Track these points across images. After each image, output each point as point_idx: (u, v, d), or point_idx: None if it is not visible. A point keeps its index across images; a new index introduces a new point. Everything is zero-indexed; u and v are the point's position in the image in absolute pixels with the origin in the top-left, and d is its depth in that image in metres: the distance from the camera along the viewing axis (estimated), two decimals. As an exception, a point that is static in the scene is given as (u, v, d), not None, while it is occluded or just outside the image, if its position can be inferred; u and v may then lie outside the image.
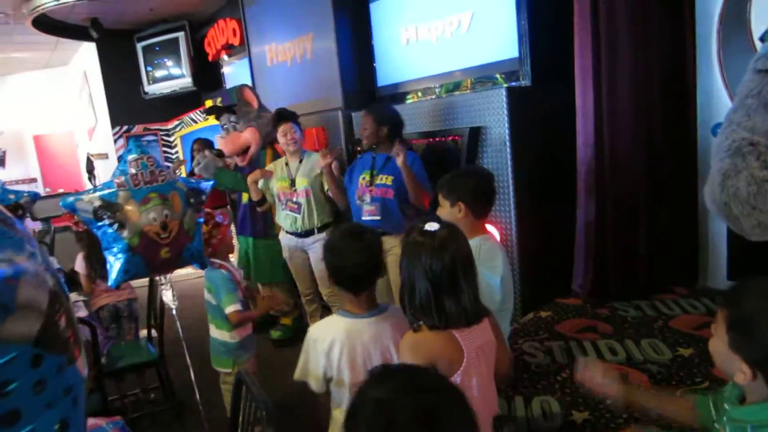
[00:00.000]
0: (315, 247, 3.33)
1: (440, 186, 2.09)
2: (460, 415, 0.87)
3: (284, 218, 3.44)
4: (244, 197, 3.73)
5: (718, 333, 1.10)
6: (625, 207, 2.85)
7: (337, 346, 1.60)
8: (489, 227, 2.87)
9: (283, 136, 3.39)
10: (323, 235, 3.31)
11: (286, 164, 3.45)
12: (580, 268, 2.98)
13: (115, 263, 2.32)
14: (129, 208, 2.26)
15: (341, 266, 1.64)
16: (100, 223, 2.28)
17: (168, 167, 2.55)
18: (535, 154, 2.95)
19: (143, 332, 3.36)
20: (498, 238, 2.86)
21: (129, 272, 2.37)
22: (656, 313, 2.69)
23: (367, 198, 3.03)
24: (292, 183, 3.37)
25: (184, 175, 3.55)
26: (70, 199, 2.32)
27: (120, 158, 2.47)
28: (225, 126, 3.77)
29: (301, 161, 3.41)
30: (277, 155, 3.72)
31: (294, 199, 3.36)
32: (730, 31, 2.71)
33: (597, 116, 2.78)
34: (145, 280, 3.03)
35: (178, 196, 2.42)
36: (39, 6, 6.15)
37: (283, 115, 3.43)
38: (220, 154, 3.72)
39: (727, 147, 1.65)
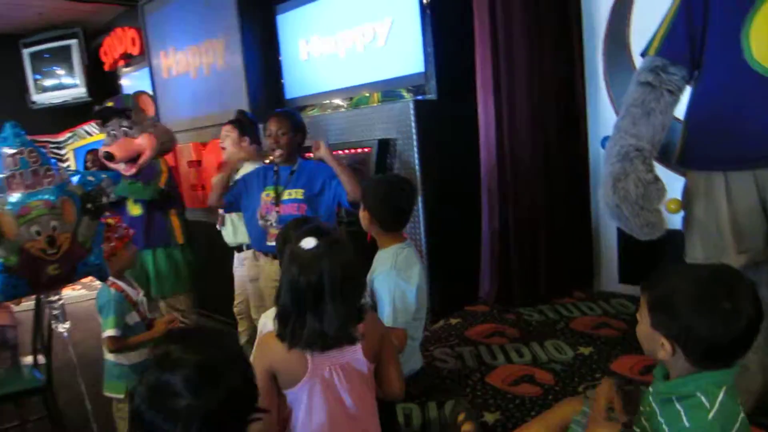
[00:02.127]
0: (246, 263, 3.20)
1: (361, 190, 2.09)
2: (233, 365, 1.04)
3: (222, 230, 3.33)
4: (134, 209, 3.39)
5: (642, 316, 1.19)
6: (525, 216, 2.99)
7: None
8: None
9: (224, 139, 3.28)
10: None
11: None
12: (486, 276, 3.09)
13: None
14: (4, 219, 1.88)
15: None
16: None
17: (56, 164, 2.13)
18: (443, 165, 3.02)
19: (28, 358, 3.05)
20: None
21: (6, 294, 2.01)
22: (557, 316, 2.83)
23: (273, 218, 2.69)
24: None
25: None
26: None
27: None
28: (113, 132, 3.47)
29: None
30: (169, 166, 3.55)
31: (224, 214, 3.26)
32: (613, 51, 2.95)
33: (498, 129, 2.92)
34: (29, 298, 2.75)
35: (70, 202, 2.06)
36: None
37: (235, 117, 3.32)
38: (109, 156, 3.42)
39: (617, 152, 1.78)
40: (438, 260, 2.98)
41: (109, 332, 2.30)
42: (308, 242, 1.39)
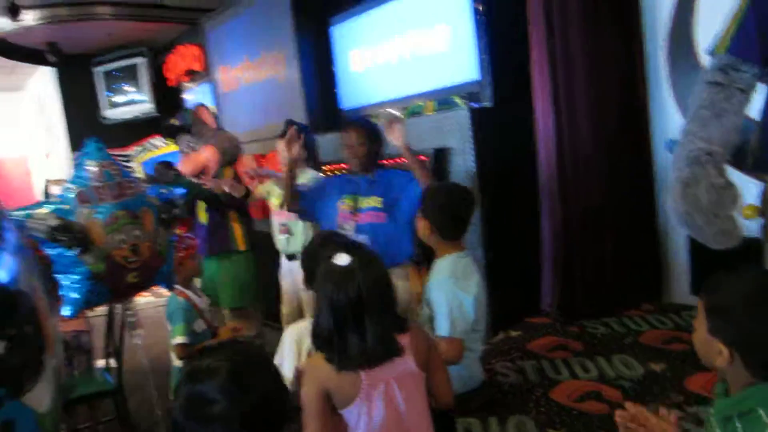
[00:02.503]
0: (300, 272, 3.18)
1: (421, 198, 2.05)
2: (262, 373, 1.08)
3: (277, 238, 3.29)
4: (203, 217, 3.48)
5: (699, 322, 1.14)
6: (588, 225, 2.89)
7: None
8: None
9: (282, 150, 3.12)
10: None
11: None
12: (547, 287, 3.00)
13: (73, 292, 1.99)
14: (93, 228, 1.94)
15: (313, 270, 1.63)
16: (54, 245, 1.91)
17: (135, 177, 2.27)
18: (500, 173, 2.97)
19: (101, 362, 3.19)
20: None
21: (90, 302, 2.09)
22: (625, 330, 2.71)
23: (351, 227, 2.58)
24: (282, 204, 3.11)
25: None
26: (20, 214, 1.98)
27: (77, 162, 2.17)
28: (184, 151, 3.63)
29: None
30: (237, 175, 3.61)
31: (282, 221, 3.21)
32: (676, 49, 2.81)
33: (557, 134, 2.83)
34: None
35: (150, 212, 2.13)
36: (-6, 30, 5.98)
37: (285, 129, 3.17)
38: (176, 176, 3.56)
39: (686, 157, 1.69)
40: (497, 270, 2.92)
41: (178, 339, 2.38)
42: (342, 258, 1.38)
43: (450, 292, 1.92)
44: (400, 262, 2.48)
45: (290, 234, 3.22)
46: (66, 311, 2.03)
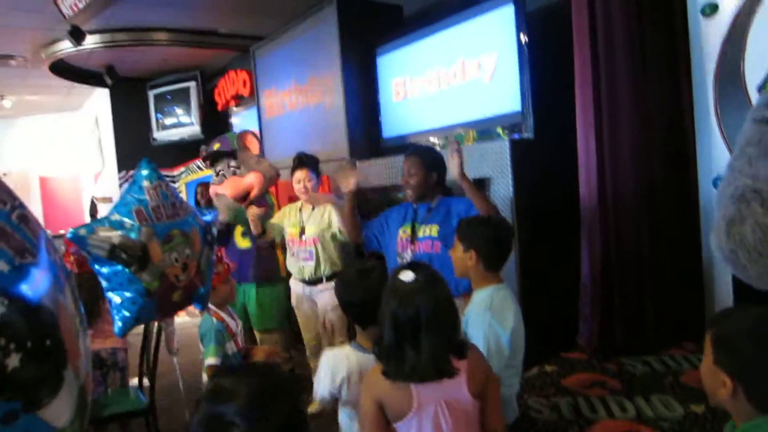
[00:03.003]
0: (323, 296, 3.20)
1: (458, 228, 2.05)
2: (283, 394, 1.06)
3: (293, 264, 3.33)
4: (243, 242, 3.57)
5: (706, 354, 1.17)
6: (629, 260, 2.83)
7: (350, 378, 1.67)
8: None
9: (297, 182, 3.27)
10: (332, 284, 3.00)
11: (300, 210, 3.35)
12: (585, 322, 2.94)
13: (124, 309, 2.02)
14: (152, 246, 1.98)
15: (348, 301, 1.77)
16: (110, 262, 1.94)
17: (182, 198, 2.32)
18: (539, 205, 2.96)
19: (134, 380, 3.24)
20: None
21: (140, 319, 2.12)
22: (665, 369, 2.63)
23: (408, 256, 2.61)
24: (302, 231, 3.26)
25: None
26: (82, 231, 1.96)
27: (132, 181, 2.22)
28: (221, 172, 3.68)
29: (314, 209, 3.30)
30: (270, 201, 3.71)
31: (304, 248, 3.26)
32: (725, 86, 2.76)
33: (599, 169, 2.81)
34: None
35: (197, 232, 2.19)
36: (58, 51, 6.33)
37: (302, 161, 3.31)
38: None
39: (731, 194, 1.66)
40: (532, 303, 2.88)
41: (210, 360, 2.41)
42: (407, 275, 1.45)
43: (488, 326, 1.90)
44: (456, 293, 2.35)
45: (316, 261, 3.26)
46: (117, 328, 2.06)
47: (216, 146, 3.67)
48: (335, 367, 1.71)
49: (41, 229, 1.29)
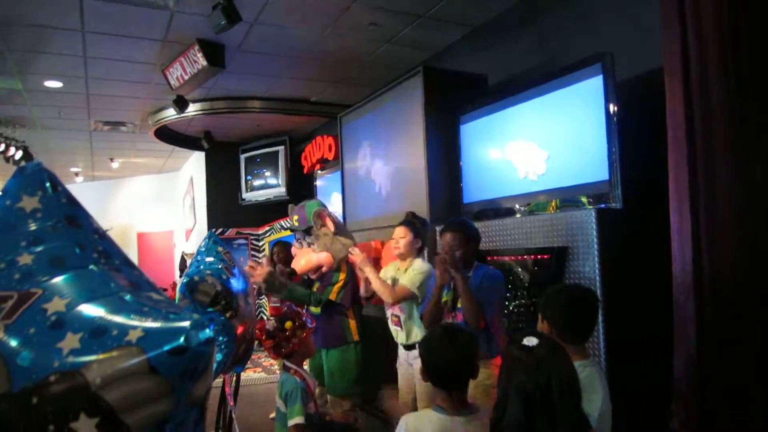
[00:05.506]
0: (417, 362, 3.19)
1: (539, 299, 2.02)
2: None
3: (392, 328, 3.40)
4: (315, 308, 3.59)
5: None
6: (730, 341, 2.61)
7: None
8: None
9: (395, 239, 3.38)
10: None
11: (398, 269, 3.40)
12: (680, 406, 2.70)
13: (219, 353, 2.09)
14: (238, 297, 2.17)
15: (433, 363, 1.73)
16: (210, 309, 2.07)
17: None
18: (627, 278, 2.82)
19: (210, 433, 3.28)
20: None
21: (227, 364, 2.21)
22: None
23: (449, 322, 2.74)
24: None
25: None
26: (197, 278, 2.14)
27: (205, 247, 2.43)
28: (299, 239, 3.80)
29: (406, 270, 3.32)
30: (350, 270, 3.73)
31: (395, 312, 3.29)
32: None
33: (695, 240, 2.64)
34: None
35: (253, 292, 2.46)
36: (162, 119, 6.91)
37: (406, 219, 3.46)
38: (292, 273, 3.76)
39: None
40: (620, 383, 2.70)
41: (297, 420, 2.41)
42: (530, 340, 1.39)
43: None
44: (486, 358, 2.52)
45: (401, 327, 3.25)
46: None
47: (295, 218, 3.78)
48: (417, 428, 1.67)
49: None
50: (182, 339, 0.96)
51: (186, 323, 0.99)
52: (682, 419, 2.68)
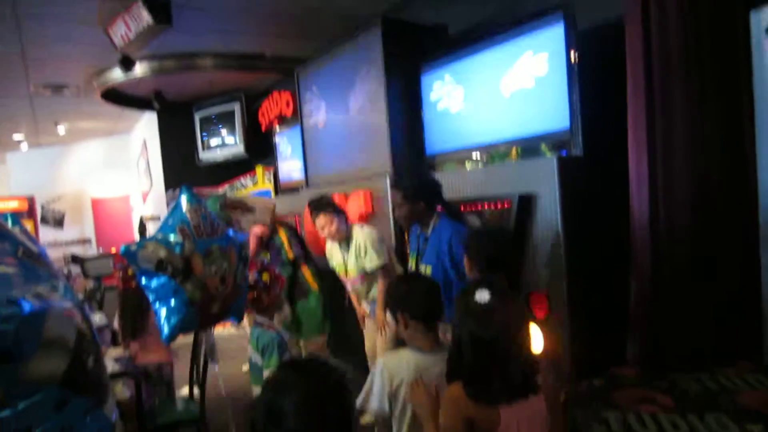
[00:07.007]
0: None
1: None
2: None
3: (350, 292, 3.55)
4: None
5: None
6: (682, 276, 2.79)
7: (405, 385, 1.69)
8: (540, 297, 2.87)
9: (321, 230, 3.34)
10: None
11: (340, 247, 3.49)
12: (635, 338, 2.90)
13: (170, 317, 2.24)
14: (194, 259, 2.21)
15: (408, 297, 1.83)
16: (157, 275, 2.18)
17: (219, 221, 2.56)
18: (588, 222, 2.95)
19: (185, 390, 3.32)
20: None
21: (183, 329, 2.33)
22: (718, 387, 2.57)
23: None
24: (347, 269, 3.44)
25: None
26: (133, 247, 2.22)
27: (174, 204, 2.46)
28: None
29: (348, 244, 3.40)
30: (289, 228, 4.13)
31: (354, 286, 3.44)
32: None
33: (651, 184, 2.78)
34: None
35: (233, 249, 2.41)
36: (109, 80, 6.63)
37: (314, 207, 3.38)
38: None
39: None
40: (581, 318, 2.88)
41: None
42: (482, 295, 1.44)
43: None
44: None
45: (359, 295, 3.47)
46: (164, 335, 2.28)
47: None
48: (394, 369, 1.74)
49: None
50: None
51: None
52: (635, 351, 2.89)
